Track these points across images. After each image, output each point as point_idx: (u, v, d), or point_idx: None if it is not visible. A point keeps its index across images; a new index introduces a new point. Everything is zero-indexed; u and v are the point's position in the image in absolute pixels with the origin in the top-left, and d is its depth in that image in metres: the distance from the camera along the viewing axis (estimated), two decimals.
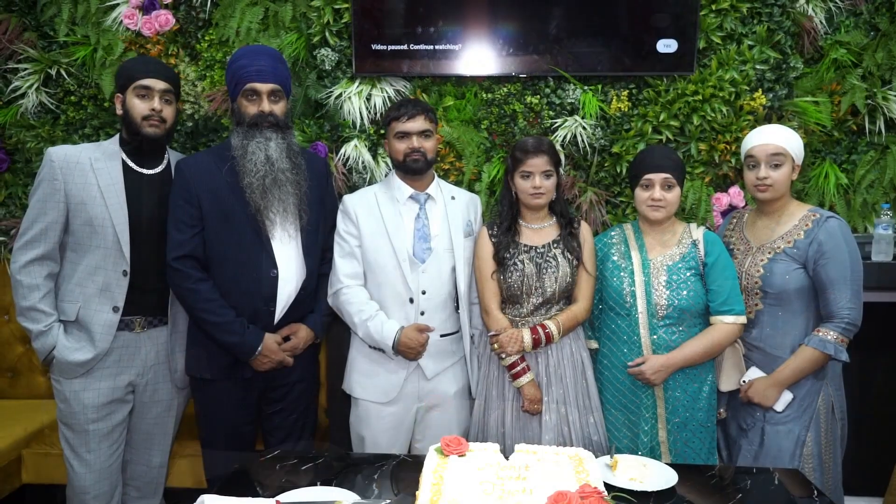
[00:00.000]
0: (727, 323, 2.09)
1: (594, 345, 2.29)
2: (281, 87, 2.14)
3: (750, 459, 2.13)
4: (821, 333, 2.05)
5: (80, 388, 2.09)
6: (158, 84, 2.12)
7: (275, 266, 2.13)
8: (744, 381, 2.14)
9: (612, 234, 2.31)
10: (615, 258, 2.23)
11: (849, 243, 2.07)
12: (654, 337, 2.12)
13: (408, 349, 2.14)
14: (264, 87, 2.11)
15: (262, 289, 2.13)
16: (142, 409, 2.21)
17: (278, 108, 2.14)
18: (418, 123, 2.18)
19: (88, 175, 2.08)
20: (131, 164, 2.16)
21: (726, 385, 2.18)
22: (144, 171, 2.17)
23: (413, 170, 2.20)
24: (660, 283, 2.14)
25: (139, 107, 2.11)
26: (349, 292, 2.20)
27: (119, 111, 2.15)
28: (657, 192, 2.13)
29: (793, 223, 2.13)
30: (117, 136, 2.20)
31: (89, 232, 2.07)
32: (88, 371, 2.09)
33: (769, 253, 2.13)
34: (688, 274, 2.13)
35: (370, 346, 2.22)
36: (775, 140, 2.13)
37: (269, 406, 2.25)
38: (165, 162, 2.23)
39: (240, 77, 2.11)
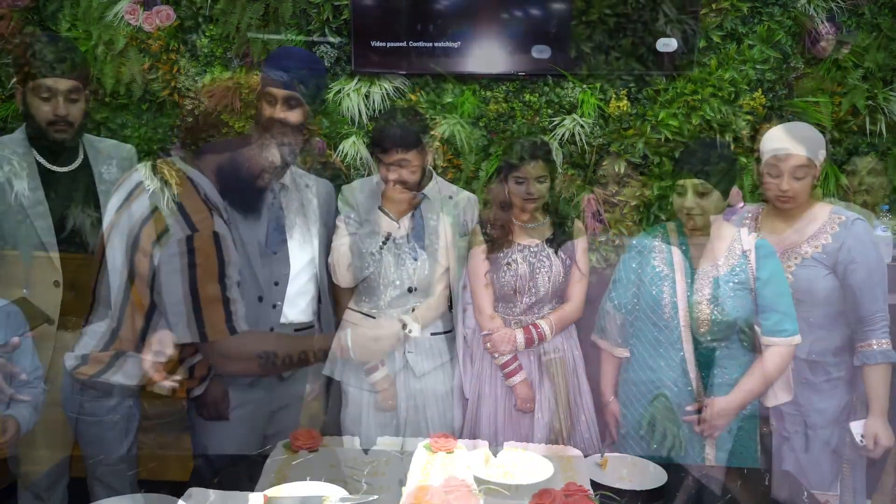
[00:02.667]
0: (781, 346, 1.92)
1: (625, 353, 2.10)
2: (299, 93, 2.04)
3: (791, 465, 2.07)
4: (875, 346, 1.97)
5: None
6: (61, 84, 1.92)
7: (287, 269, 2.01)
8: (862, 439, 1.99)
9: (654, 234, 2.11)
10: (655, 263, 2.04)
11: (875, 245, 2.04)
12: (696, 353, 1.96)
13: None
14: (280, 93, 2.04)
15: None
16: None
17: (294, 116, 2.04)
18: (394, 156, 2.09)
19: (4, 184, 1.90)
20: (44, 163, 1.97)
21: (772, 400, 2.04)
22: (58, 168, 2.01)
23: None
24: (703, 295, 1.95)
25: (42, 110, 1.92)
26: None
27: (20, 106, 1.95)
28: (689, 201, 1.94)
29: (817, 225, 2.04)
30: (23, 128, 1.98)
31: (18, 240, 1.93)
32: None
33: (796, 259, 2.05)
34: (736, 288, 1.94)
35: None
36: (802, 152, 2.00)
37: (273, 404, 2.23)
38: (82, 156, 2.07)
39: (263, 78, 2.05)
